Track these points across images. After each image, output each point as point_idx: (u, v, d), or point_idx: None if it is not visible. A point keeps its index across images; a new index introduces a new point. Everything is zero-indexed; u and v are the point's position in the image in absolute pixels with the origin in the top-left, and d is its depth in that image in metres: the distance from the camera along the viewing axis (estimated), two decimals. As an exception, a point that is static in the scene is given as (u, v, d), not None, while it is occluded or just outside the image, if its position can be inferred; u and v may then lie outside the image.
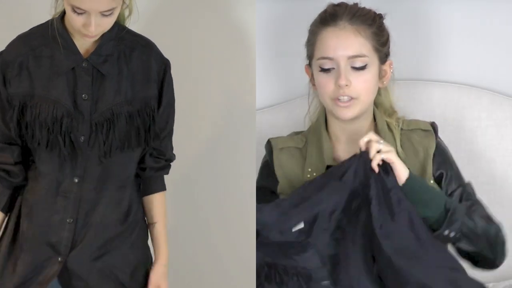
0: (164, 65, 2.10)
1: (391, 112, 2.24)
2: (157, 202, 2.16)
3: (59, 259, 2.02)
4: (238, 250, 2.51)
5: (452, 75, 2.57)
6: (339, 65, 2.13)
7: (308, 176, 2.21)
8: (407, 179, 2.07)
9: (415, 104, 2.30)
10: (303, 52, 2.26)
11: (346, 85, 2.12)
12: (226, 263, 2.54)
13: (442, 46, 2.58)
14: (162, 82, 2.09)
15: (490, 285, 2.47)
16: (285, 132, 2.54)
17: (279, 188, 2.24)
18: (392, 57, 2.23)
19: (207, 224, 2.54)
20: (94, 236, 2.04)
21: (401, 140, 2.20)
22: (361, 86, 2.13)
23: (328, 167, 2.19)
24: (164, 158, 2.16)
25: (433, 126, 2.24)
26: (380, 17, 2.19)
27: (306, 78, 2.34)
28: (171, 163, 2.20)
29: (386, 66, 2.20)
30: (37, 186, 2.04)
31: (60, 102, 2.00)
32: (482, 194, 2.48)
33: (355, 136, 2.20)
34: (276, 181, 2.24)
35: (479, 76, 2.57)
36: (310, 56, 2.22)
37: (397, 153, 2.15)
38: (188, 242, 2.55)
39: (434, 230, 2.08)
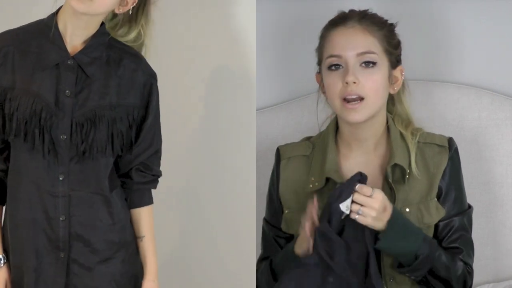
0: (151, 78, 2.08)
1: (407, 123, 2.21)
2: (144, 216, 2.14)
3: (62, 255, 2.02)
4: (238, 249, 2.51)
5: (452, 75, 2.58)
6: (347, 63, 2.10)
7: (311, 186, 2.20)
8: (382, 234, 2.06)
9: (415, 104, 2.29)
10: (303, 52, 2.26)
11: (354, 82, 2.09)
12: (227, 263, 2.54)
13: (442, 47, 2.58)
14: (150, 96, 2.08)
15: (490, 285, 2.47)
16: (285, 132, 2.54)
17: (283, 201, 2.24)
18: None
19: (208, 224, 2.54)
20: (92, 237, 2.04)
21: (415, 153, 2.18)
22: (370, 85, 2.10)
23: (327, 179, 2.18)
24: (150, 173, 2.13)
25: (450, 142, 2.21)
26: (391, 24, 2.18)
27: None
28: (159, 178, 2.17)
29: (397, 72, 2.17)
30: (23, 182, 2.02)
31: (41, 96, 1.98)
32: (482, 194, 2.48)
33: (366, 143, 2.19)
34: (277, 193, 2.25)
35: (479, 76, 2.57)
36: (320, 60, 2.19)
37: (411, 167, 2.15)
38: (189, 241, 2.56)
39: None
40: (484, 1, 2.54)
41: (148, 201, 2.15)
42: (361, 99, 2.10)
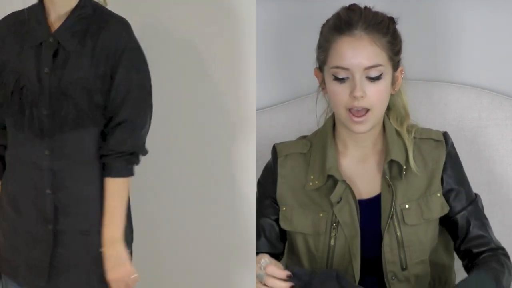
0: (124, 47, 2.08)
1: (404, 116, 2.22)
2: (108, 185, 2.11)
3: (50, 227, 2.08)
4: (238, 249, 2.51)
5: (452, 75, 2.58)
6: (354, 76, 2.10)
7: (311, 184, 2.21)
8: None
9: (415, 104, 2.30)
10: (303, 52, 2.25)
11: (361, 97, 2.10)
12: (226, 262, 2.54)
13: (442, 46, 2.58)
14: (118, 63, 2.07)
15: (490, 285, 2.47)
16: (285, 132, 2.54)
17: (280, 199, 2.24)
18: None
19: (208, 224, 2.55)
20: (76, 209, 2.08)
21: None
22: (376, 97, 2.11)
23: (329, 176, 2.19)
24: (114, 151, 2.09)
25: (445, 136, 2.22)
26: (393, 22, 2.16)
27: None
28: (145, 155, 2.14)
29: (398, 73, 2.18)
30: (14, 155, 2.11)
31: (25, 74, 2.06)
32: (482, 194, 2.48)
33: (363, 142, 2.20)
34: (274, 190, 2.25)
35: (479, 76, 2.57)
36: (322, 62, 2.18)
37: (408, 162, 2.16)
38: (188, 241, 2.56)
39: None
40: (484, 1, 2.54)
41: (116, 173, 2.10)
42: (367, 110, 2.12)
